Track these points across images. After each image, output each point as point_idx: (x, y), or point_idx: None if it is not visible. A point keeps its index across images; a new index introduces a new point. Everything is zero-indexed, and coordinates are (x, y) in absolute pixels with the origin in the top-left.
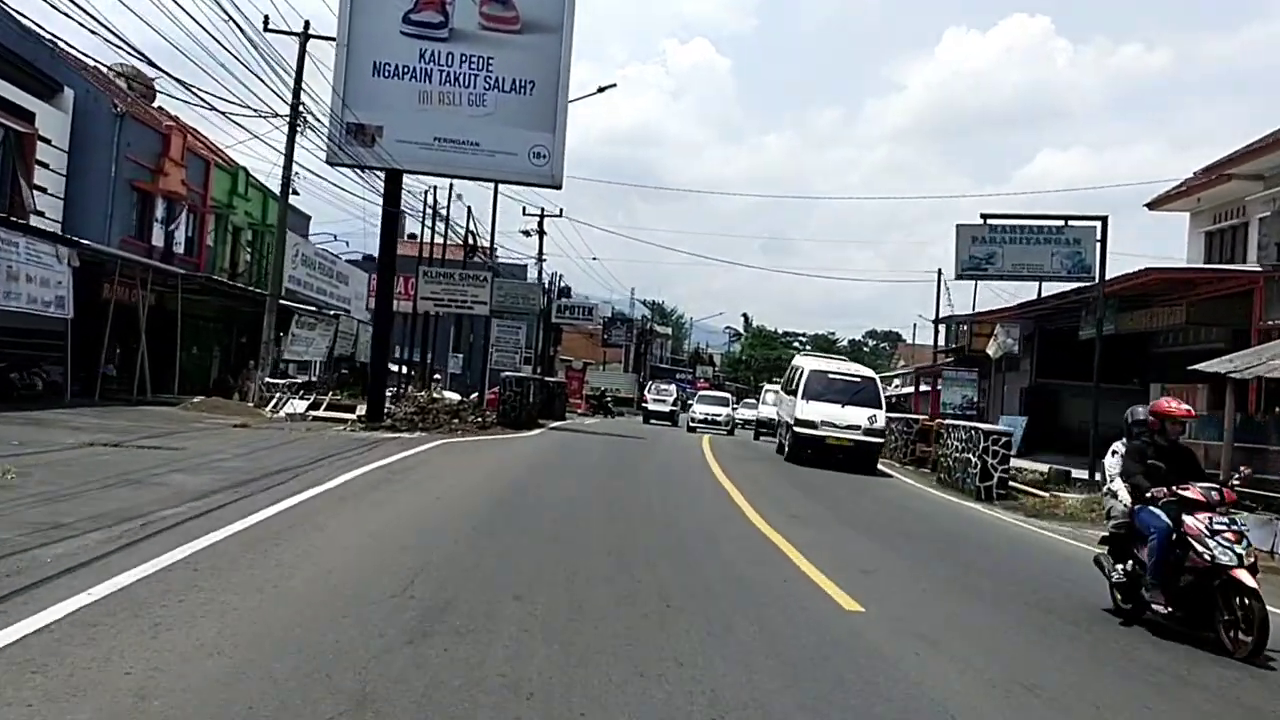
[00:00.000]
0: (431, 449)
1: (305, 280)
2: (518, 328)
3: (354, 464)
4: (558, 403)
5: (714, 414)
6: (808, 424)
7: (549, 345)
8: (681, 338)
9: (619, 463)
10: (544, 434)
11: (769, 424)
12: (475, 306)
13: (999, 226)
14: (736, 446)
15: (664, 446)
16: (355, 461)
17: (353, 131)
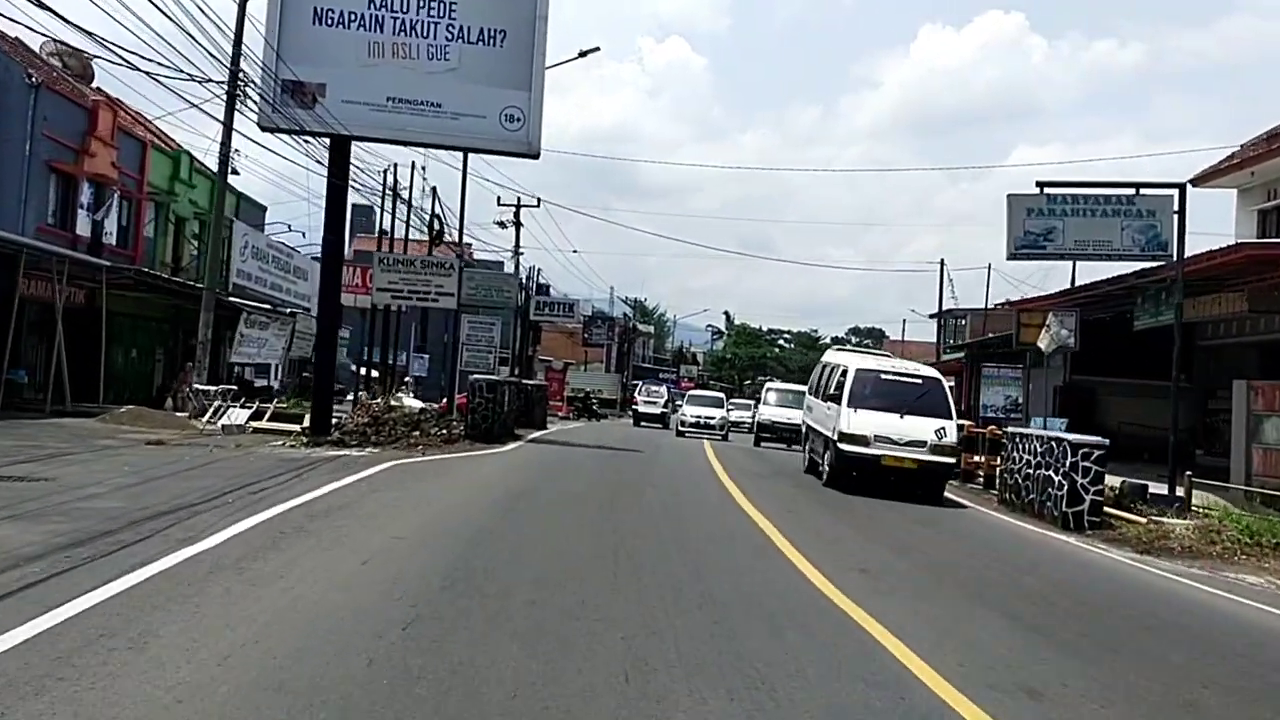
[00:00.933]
0: (377, 474)
1: (257, 275)
2: (491, 324)
3: (265, 501)
4: (537, 409)
5: (706, 416)
6: (856, 439)
7: (527, 344)
8: (663, 336)
9: (615, 489)
10: (521, 448)
11: (772, 428)
12: (440, 299)
13: (1059, 197)
14: (747, 457)
15: (665, 460)
16: (269, 498)
17: (290, 90)
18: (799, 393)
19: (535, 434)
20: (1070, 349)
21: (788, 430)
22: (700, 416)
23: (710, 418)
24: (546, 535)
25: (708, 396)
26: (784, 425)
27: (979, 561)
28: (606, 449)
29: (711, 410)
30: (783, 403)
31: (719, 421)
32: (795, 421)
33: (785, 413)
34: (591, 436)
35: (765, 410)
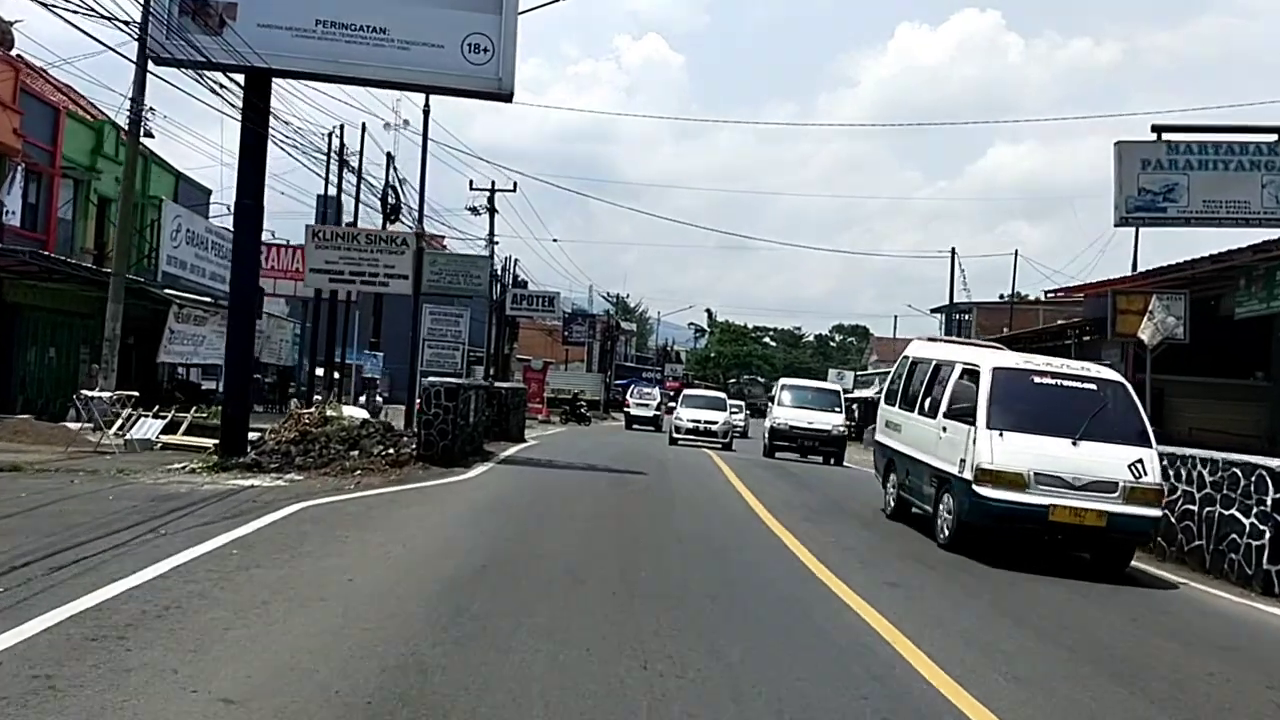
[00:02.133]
0: (271, 526)
1: (193, 264)
2: (458, 316)
3: (72, 591)
4: (514, 417)
5: (706, 421)
6: (1006, 480)
7: (503, 342)
8: (646, 334)
9: (625, 550)
10: (489, 474)
11: (790, 436)
12: (391, 282)
13: (1181, 146)
14: (776, 478)
15: (677, 488)
16: (83, 583)
17: (189, 10)
18: (820, 391)
19: (510, 449)
20: (1179, 340)
21: (810, 438)
22: (699, 421)
23: (711, 423)
24: (524, 693)
25: (707, 397)
26: (805, 432)
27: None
28: (600, 470)
29: (712, 413)
30: (801, 403)
31: (722, 427)
32: (819, 427)
33: (806, 416)
34: (579, 450)
35: (780, 413)
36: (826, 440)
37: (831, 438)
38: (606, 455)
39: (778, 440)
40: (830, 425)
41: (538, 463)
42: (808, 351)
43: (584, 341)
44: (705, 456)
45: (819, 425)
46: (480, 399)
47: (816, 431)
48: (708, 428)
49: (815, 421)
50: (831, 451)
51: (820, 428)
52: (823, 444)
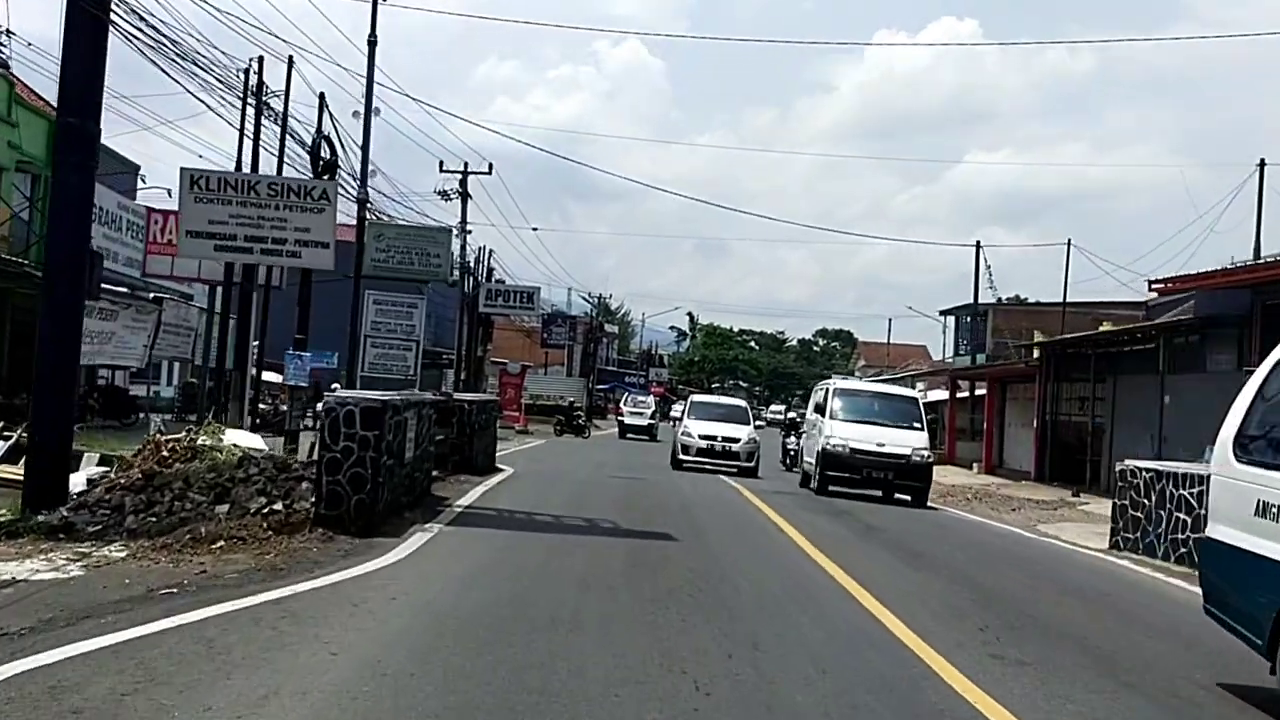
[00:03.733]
0: None
1: (102, 246)
2: (412, 306)
3: None
4: (481, 440)
5: (726, 439)
6: None
7: (476, 343)
8: (628, 337)
9: None
10: (432, 551)
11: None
12: (306, 253)
13: None
14: (891, 552)
15: (745, 573)
16: None
17: None
18: (891, 400)
19: (474, 491)
20: None
21: (882, 467)
22: (716, 438)
23: (732, 440)
24: None
25: (724, 406)
26: (876, 459)
27: None
28: (604, 531)
29: (733, 428)
30: (864, 415)
31: (746, 446)
32: (894, 451)
33: (874, 435)
34: (570, 484)
35: (836, 431)
36: (906, 470)
37: (913, 467)
38: (608, 496)
39: (833, 469)
40: (910, 449)
41: (512, 519)
42: (790, 356)
43: (564, 344)
44: (731, 491)
45: (894, 449)
46: (426, 422)
47: (891, 459)
48: (727, 447)
49: (888, 444)
50: (914, 488)
51: (896, 453)
52: (900, 476)
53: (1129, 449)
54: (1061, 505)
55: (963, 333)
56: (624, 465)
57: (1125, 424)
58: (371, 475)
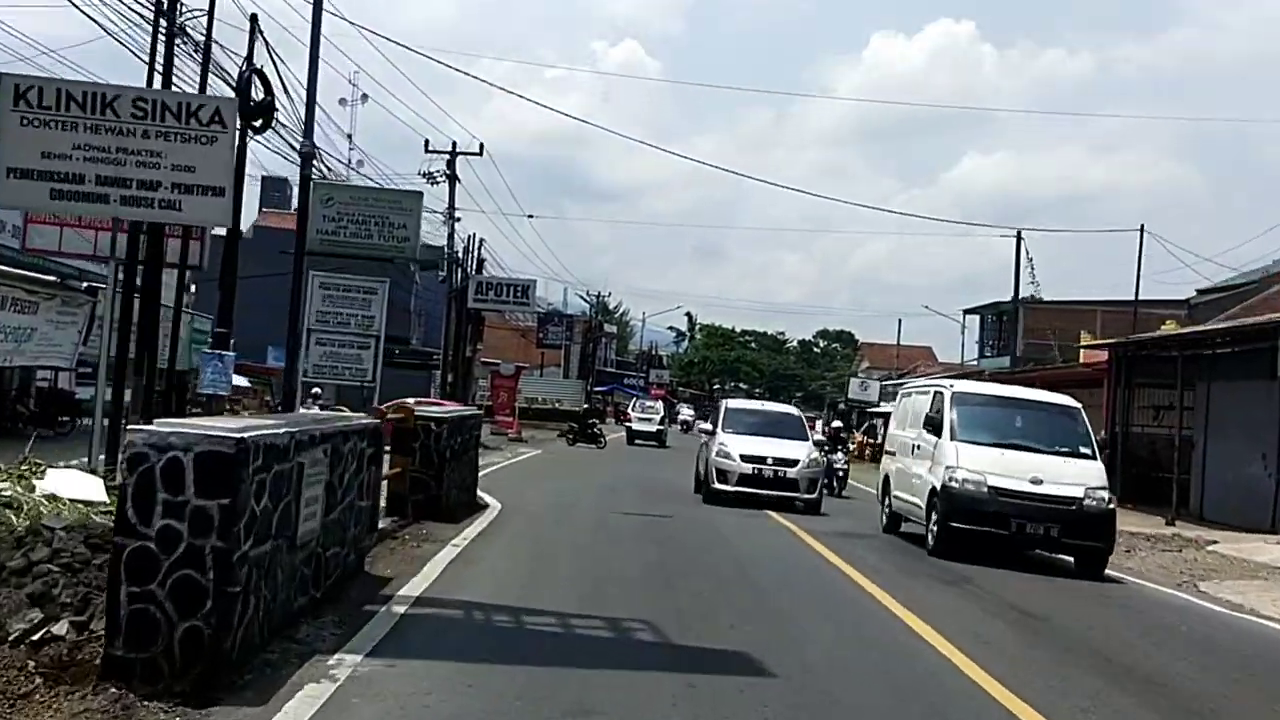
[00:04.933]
0: None
1: (18, 225)
2: (369, 294)
3: None
4: (450, 474)
5: (779, 461)
6: None
7: (465, 342)
8: (627, 338)
9: None
10: None
11: (999, 512)
12: (187, 201)
13: None
14: None
15: None
16: None
17: None
18: (1045, 412)
19: (434, 563)
20: None
21: (1042, 515)
22: (765, 463)
23: (787, 463)
24: None
25: (771, 415)
26: (1032, 504)
27: None
28: (641, 652)
29: (787, 447)
30: (1006, 435)
31: (806, 473)
32: (1062, 493)
33: (1027, 466)
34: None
35: (965, 457)
36: (1077, 522)
37: (1087, 517)
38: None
39: (963, 520)
40: (1081, 488)
41: (486, 631)
42: (791, 357)
43: (561, 344)
44: (798, 545)
45: (1058, 489)
46: (354, 462)
47: (1054, 505)
48: (781, 473)
49: (1049, 479)
50: (1089, 549)
51: (1061, 494)
52: (1070, 531)
53: (1227, 467)
54: (1177, 542)
55: (987, 333)
56: (640, 489)
57: (1221, 437)
58: (216, 583)
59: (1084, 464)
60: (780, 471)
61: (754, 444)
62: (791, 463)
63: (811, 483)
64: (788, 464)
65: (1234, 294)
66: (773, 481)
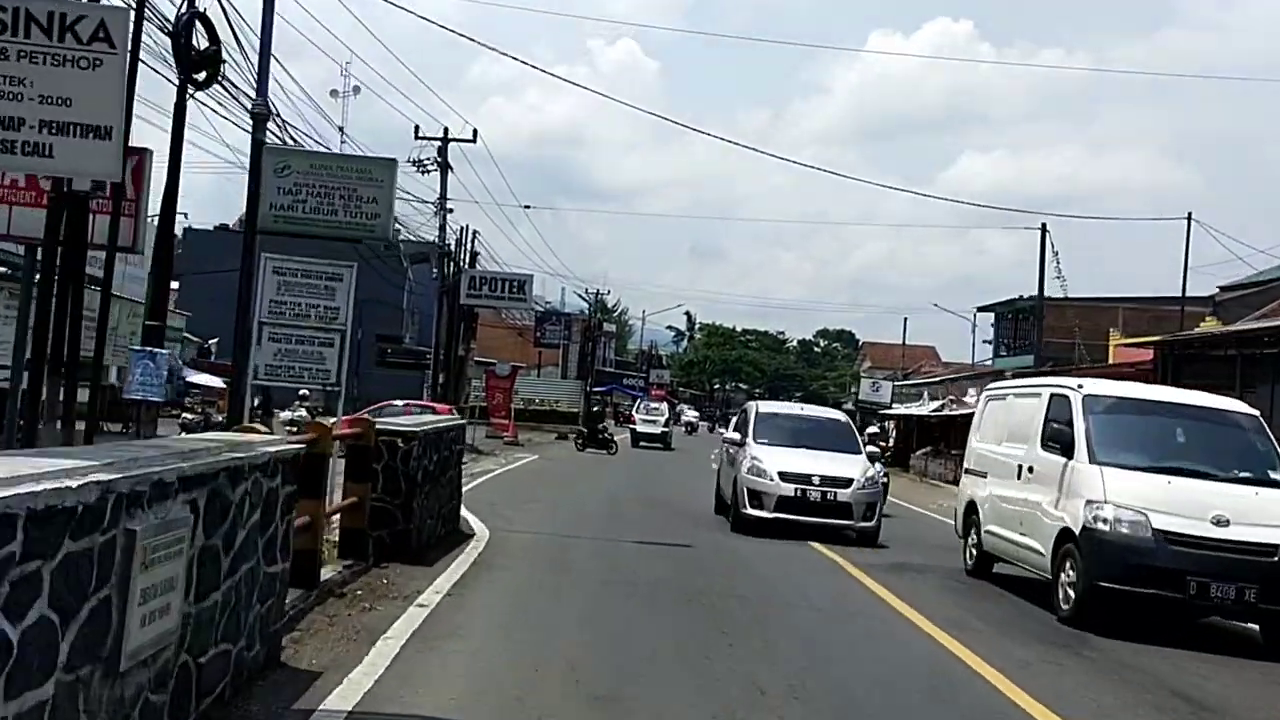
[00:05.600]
0: None
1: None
2: (334, 281)
3: None
4: (423, 500)
5: (828, 480)
6: None
7: (457, 340)
8: (626, 337)
9: None
10: None
11: (1116, 558)
12: (59, 145)
13: None
14: None
15: None
16: None
17: None
18: (1211, 421)
19: (386, 642)
20: None
21: (1231, 571)
22: (812, 483)
23: (839, 483)
24: None
25: (813, 421)
26: (1220, 556)
27: None
28: None
29: (837, 461)
30: (1169, 456)
31: (861, 495)
32: (1257, 539)
33: (1206, 499)
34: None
35: (1116, 488)
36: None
37: None
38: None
39: (1119, 577)
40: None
41: None
42: (791, 357)
43: (559, 343)
44: (877, 606)
45: (1253, 534)
46: (248, 523)
47: (1251, 556)
48: (831, 496)
49: (1237, 517)
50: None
51: (1259, 541)
52: (1270, 593)
53: None
54: None
55: (1003, 331)
56: (649, 504)
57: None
58: None
59: (1275, 494)
60: (830, 494)
61: (795, 458)
62: (844, 482)
63: (869, 508)
64: (839, 484)
65: (1261, 290)
66: (821, 506)
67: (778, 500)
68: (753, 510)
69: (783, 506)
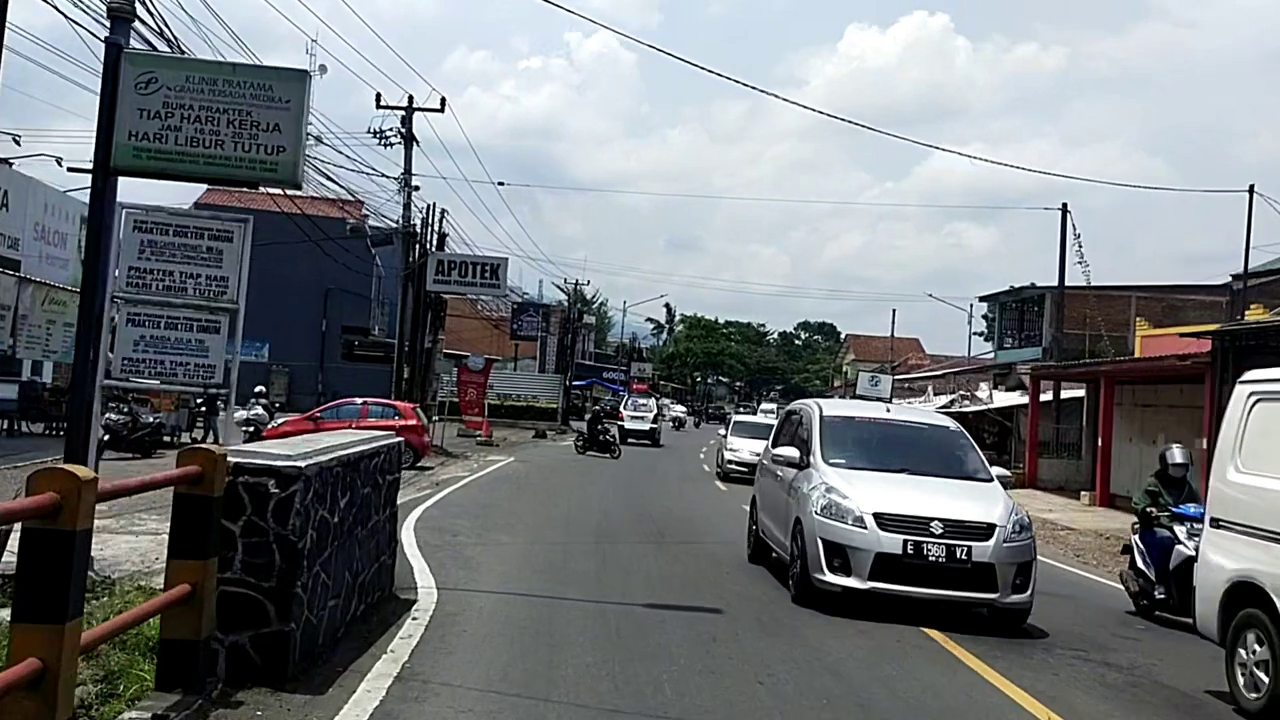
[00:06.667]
0: None
1: None
2: (222, 238)
3: None
4: (331, 571)
5: (955, 528)
6: None
7: (423, 330)
8: (605, 329)
9: None
10: None
11: None
12: None
13: None
14: None
15: None
16: None
17: None
18: None
19: None
20: None
21: None
22: (928, 530)
23: (970, 532)
24: None
25: (907, 430)
26: None
27: None
28: None
29: (960, 499)
30: None
31: (1008, 551)
32: None
33: None
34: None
35: None
36: None
37: None
38: None
39: None
40: None
41: None
42: (772, 350)
43: (537, 335)
44: None
45: None
46: None
47: None
48: (962, 554)
49: None
50: None
51: None
52: None
53: None
54: None
55: (1006, 322)
56: (651, 529)
57: None
58: None
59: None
60: (961, 550)
61: (898, 491)
62: (980, 531)
63: (1021, 572)
64: (973, 533)
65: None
66: (946, 572)
67: (875, 561)
68: (834, 576)
69: (885, 571)
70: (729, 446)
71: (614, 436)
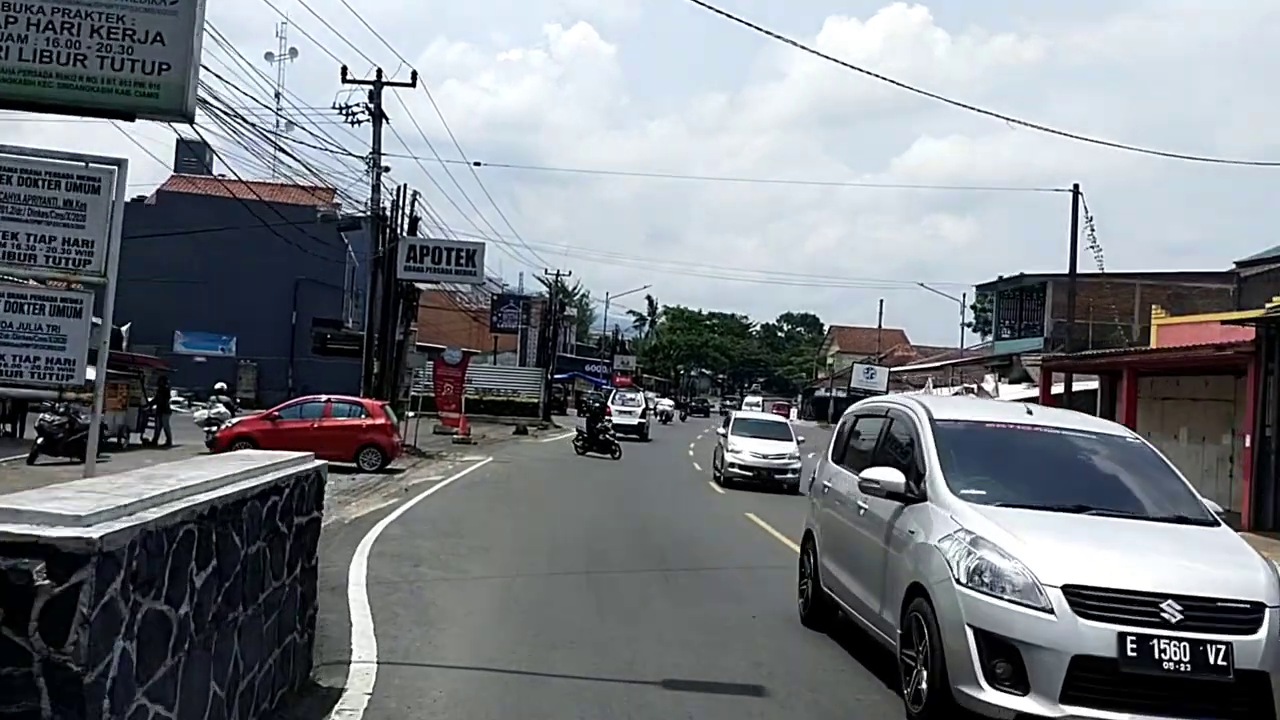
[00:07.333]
0: None
1: None
2: (85, 186)
3: None
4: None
5: (1202, 621)
6: None
7: (394, 321)
8: (587, 322)
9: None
10: None
11: None
12: None
13: None
14: None
15: None
16: None
17: None
18: None
19: None
20: None
21: None
22: (1161, 614)
23: (1218, 613)
24: None
25: (1074, 438)
26: None
27: None
28: None
29: (1183, 555)
30: None
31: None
32: None
33: None
34: None
35: None
36: None
37: None
38: None
39: None
40: None
41: None
42: (754, 342)
43: (517, 328)
44: None
45: None
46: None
47: None
48: (1227, 672)
49: None
50: None
51: None
52: None
53: None
54: None
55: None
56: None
57: None
58: None
59: None
60: (1211, 648)
61: (1087, 549)
62: (1238, 616)
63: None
64: (1228, 620)
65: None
66: (1190, 687)
67: (1072, 668)
68: (996, 694)
69: (1088, 686)
70: (730, 447)
71: (615, 435)
